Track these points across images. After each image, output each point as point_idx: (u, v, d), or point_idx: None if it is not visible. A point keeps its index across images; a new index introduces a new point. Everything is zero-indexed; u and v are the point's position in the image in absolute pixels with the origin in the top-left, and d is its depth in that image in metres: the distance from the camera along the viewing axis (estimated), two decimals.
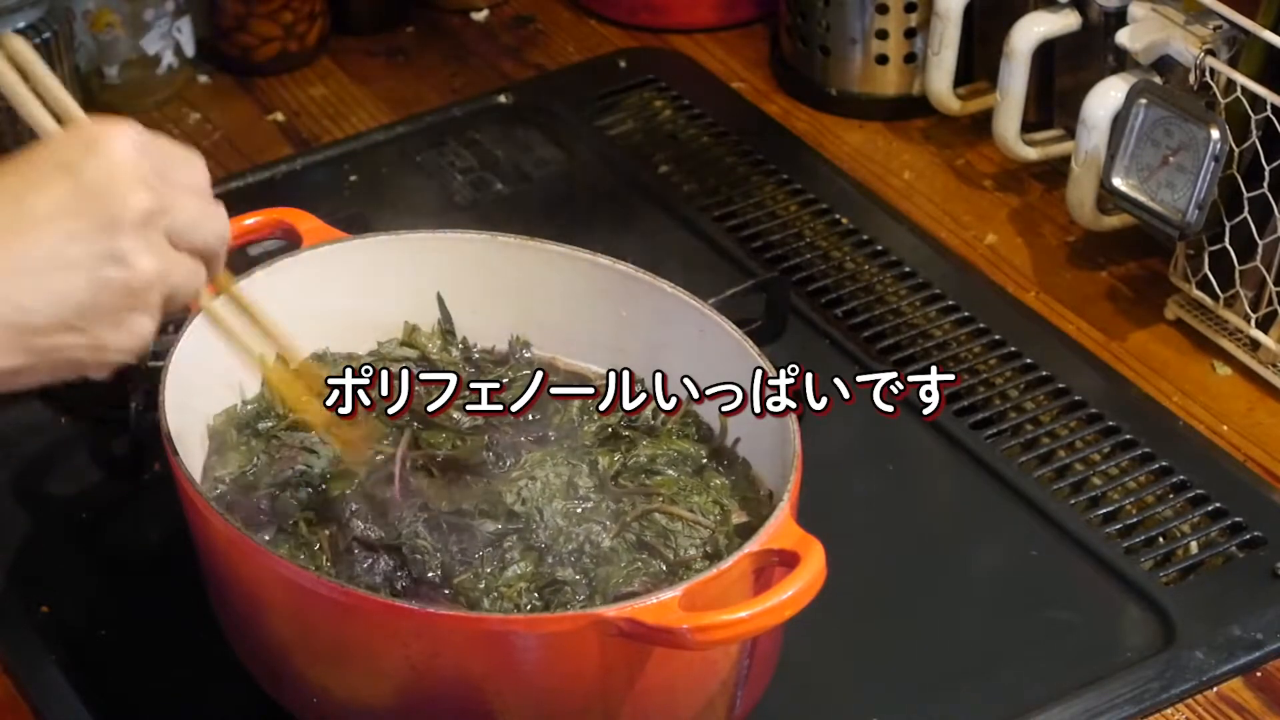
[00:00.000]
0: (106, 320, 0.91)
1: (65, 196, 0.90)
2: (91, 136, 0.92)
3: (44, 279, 0.89)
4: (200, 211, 0.95)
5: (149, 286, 0.92)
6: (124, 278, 0.90)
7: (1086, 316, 1.45)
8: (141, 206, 0.91)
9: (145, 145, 0.93)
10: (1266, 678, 1.19)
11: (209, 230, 0.95)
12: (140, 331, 0.93)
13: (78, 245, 0.89)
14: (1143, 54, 1.41)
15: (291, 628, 1.09)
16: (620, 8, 1.75)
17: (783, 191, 1.56)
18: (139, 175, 0.91)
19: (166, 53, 1.65)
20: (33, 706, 1.18)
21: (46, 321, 0.90)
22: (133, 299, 0.91)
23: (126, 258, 0.90)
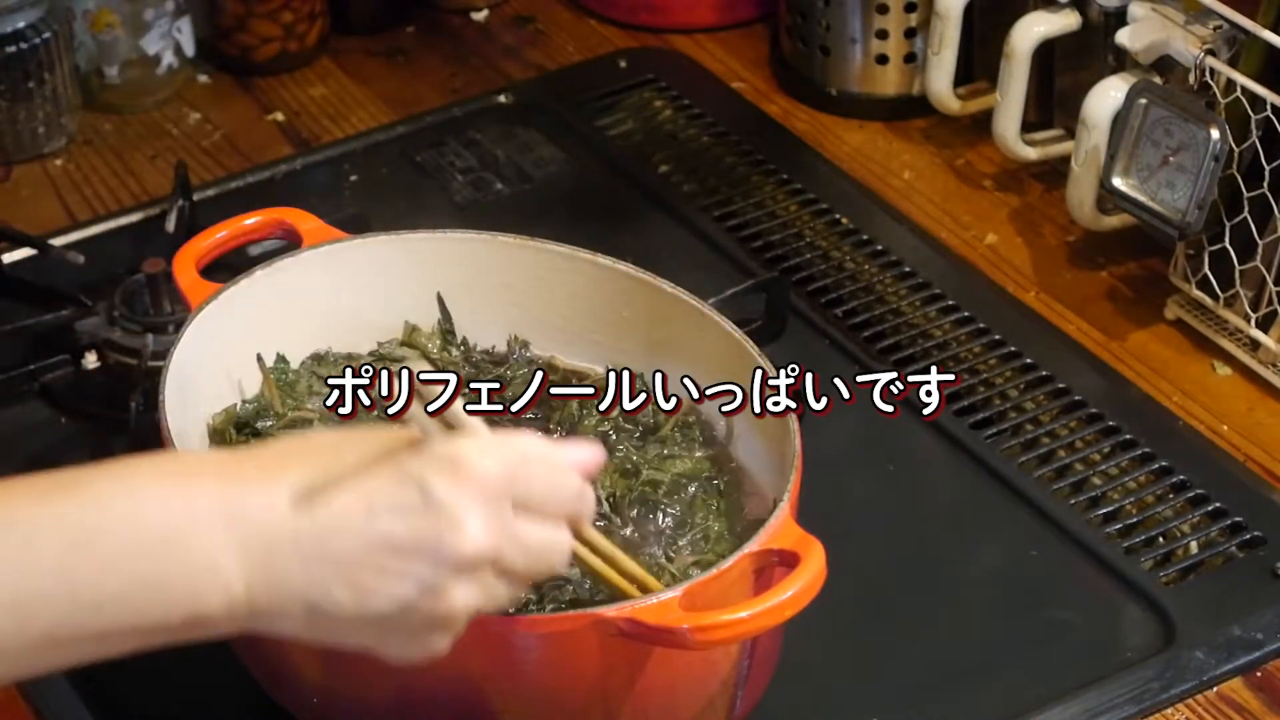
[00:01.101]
0: (402, 637, 0.91)
1: (407, 517, 0.89)
2: (455, 462, 0.90)
3: (360, 585, 0.89)
4: (540, 544, 0.93)
5: (455, 619, 0.91)
6: (432, 609, 0.90)
7: (1086, 316, 1.45)
8: (476, 550, 0.90)
9: (505, 478, 0.92)
10: (1266, 678, 1.19)
11: (546, 561, 0.94)
12: (435, 649, 0.92)
13: (402, 574, 0.89)
14: (1143, 54, 1.41)
15: None
16: (620, 8, 1.75)
17: (783, 191, 1.56)
18: (483, 526, 0.90)
19: (166, 53, 1.65)
20: (33, 706, 1.17)
21: (345, 620, 0.90)
22: (435, 625, 0.91)
23: (442, 593, 0.90)
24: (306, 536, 0.89)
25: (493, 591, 0.92)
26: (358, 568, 0.89)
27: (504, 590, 0.93)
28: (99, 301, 1.39)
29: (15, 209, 1.56)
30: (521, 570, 0.93)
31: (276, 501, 0.89)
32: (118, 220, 1.53)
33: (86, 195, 1.58)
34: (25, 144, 1.61)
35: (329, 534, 0.89)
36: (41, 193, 1.58)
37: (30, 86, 1.59)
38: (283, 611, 0.90)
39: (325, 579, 0.89)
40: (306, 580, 0.89)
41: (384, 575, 0.89)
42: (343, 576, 0.89)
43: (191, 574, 0.88)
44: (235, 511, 0.89)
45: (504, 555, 0.91)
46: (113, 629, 0.87)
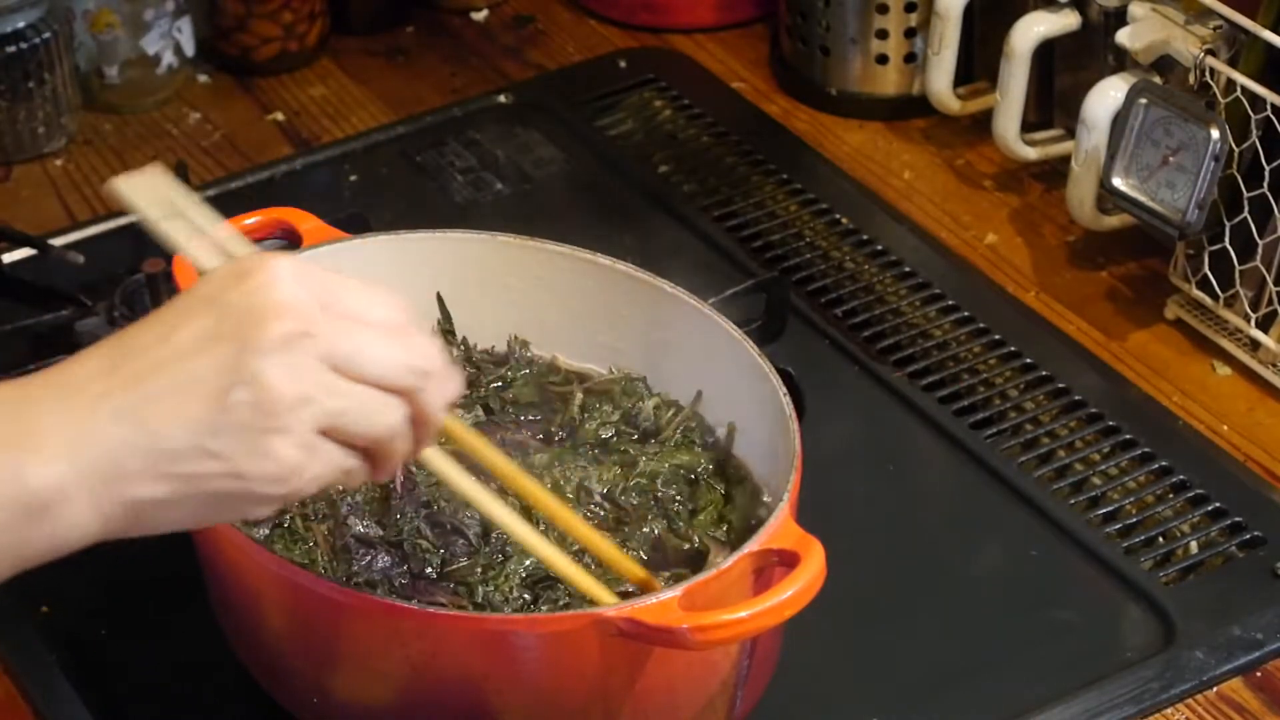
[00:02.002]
0: (242, 445, 0.87)
1: (209, 326, 0.88)
2: (245, 269, 0.89)
3: (178, 404, 0.87)
4: (371, 340, 0.90)
5: (282, 407, 0.87)
6: (253, 398, 0.86)
7: (1086, 316, 1.45)
8: (280, 330, 0.87)
9: (304, 276, 0.89)
10: (1266, 678, 1.19)
11: (386, 359, 0.90)
12: (285, 459, 0.88)
13: (212, 369, 0.87)
14: (1143, 54, 1.41)
15: (291, 628, 1.09)
16: (620, 8, 1.75)
17: (783, 191, 1.56)
18: (285, 302, 0.88)
19: (166, 53, 1.65)
20: (33, 706, 1.18)
21: (180, 446, 0.87)
22: (266, 420, 0.87)
23: (257, 378, 0.86)
24: (116, 386, 0.87)
25: (322, 386, 0.88)
26: (177, 397, 0.87)
27: (346, 393, 0.89)
28: (99, 301, 1.39)
29: (15, 209, 1.56)
30: (350, 361, 0.89)
31: (83, 365, 0.88)
32: (118, 220, 1.52)
33: (86, 195, 1.58)
34: (25, 144, 1.61)
35: (132, 364, 0.87)
36: (41, 193, 1.58)
37: (30, 86, 1.59)
38: (115, 459, 0.87)
39: (150, 419, 0.87)
40: (122, 423, 0.86)
41: (200, 389, 0.87)
42: (163, 410, 0.87)
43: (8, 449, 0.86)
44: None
45: (314, 335, 0.88)
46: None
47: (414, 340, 0.92)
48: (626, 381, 1.23)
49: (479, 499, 1.02)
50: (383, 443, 0.91)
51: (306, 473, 0.89)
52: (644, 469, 1.18)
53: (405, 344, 0.91)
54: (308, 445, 0.88)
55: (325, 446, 0.89)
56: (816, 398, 1.29)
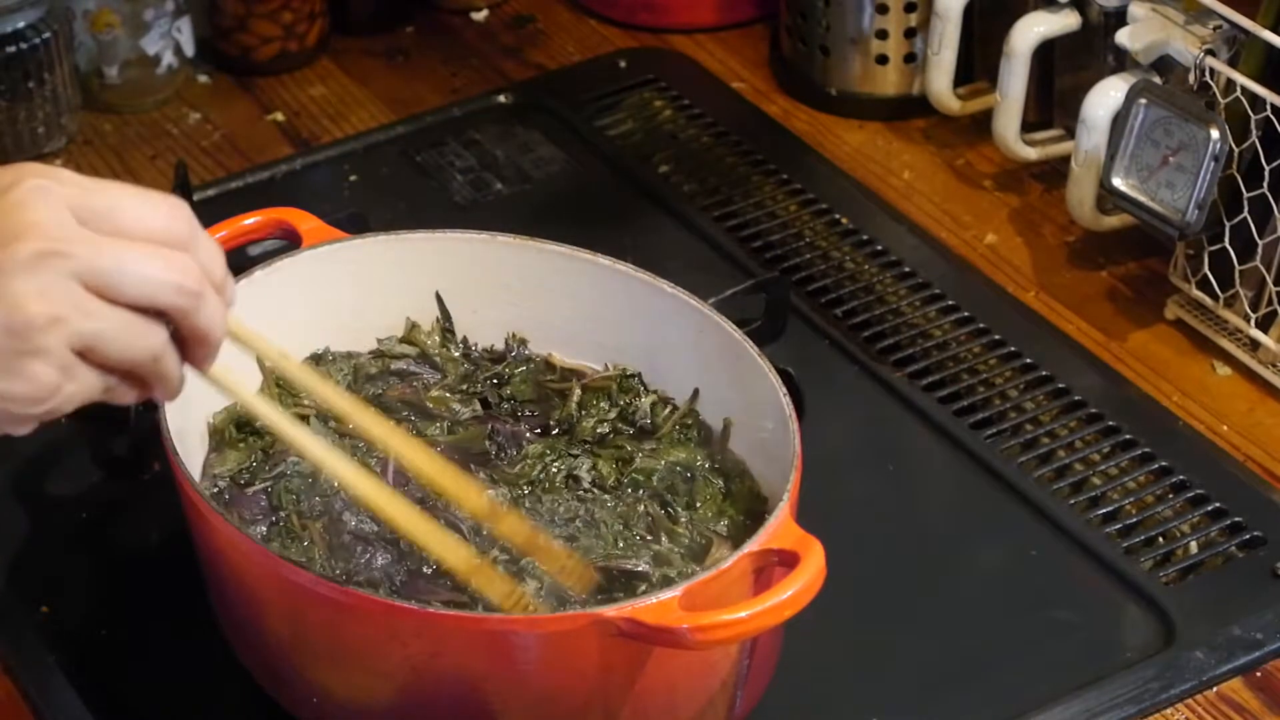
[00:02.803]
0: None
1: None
2: (1, 185, 0.86)
3: None
4: (131, 257, 0.86)
5: (33, 329, 0.84)
6: (4, 320, 0.84)
7: (1086, 316, 1.45)
8: (29, 249, 0.84)
9: (61, 191, 0.86)
10: (1266, 678, 1.19)
11: (146, 278, 0.86)
12: (41, 380, 0.85)
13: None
14: (1143, 54, 1.41)
15: (291, 627, 1.09)
16: (620, 8, 1.75)
17: (783, 191, 1.56)
18: (37, 220, 0.85)
19: (166, 53, 1.65)
20: (33, 706, 1.18)
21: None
22: (17, 341, 0.84)
23: (5, 299, 0.84)
24: None
25: (77, 305, 0.85)
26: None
27: (103, 313, 0.86)
28: None
29: None
30: (108, 279, 0.86)
31: None
32: None
33: None
34: (25, 144, 1.61)
35: None
36: None
37: (30, 86, 1.59)
38: None
39: None
40: None
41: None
42: None
43: None
44: None
45: (67, 255, 0.85)
46: None
47: (184, 256, 0.88)
48: (623, 378, 1.23)
49: (307, 446, 0.99)
50: (143, 365, 0.89)
51: (62, 392, 0.87)
52: (640, 465, 1.18)
53: (173, 260, 0.88)
54: (64, 366, 0.86)
55: (82, 368, 0.87)
56: (816, 398, 1.29)
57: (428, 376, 1.24)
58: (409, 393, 1.23)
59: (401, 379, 1.23)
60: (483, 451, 1.18)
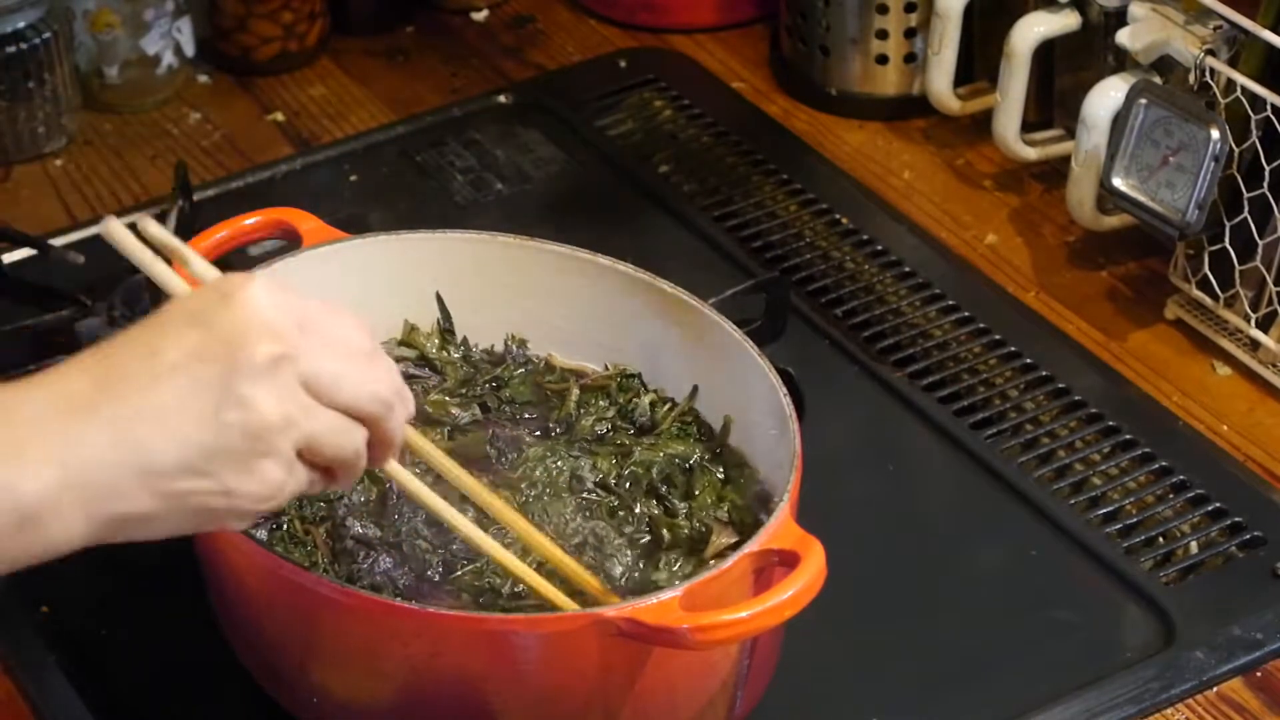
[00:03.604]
0: (232, 466, 0.89)
1: (195, 345, 0.89)
2: (226, 289, 0.91)
3: (168, 423, 0.88)
4: (345, 367, 0.93)
5: (272, 431, 0.90)
6: (244, 420, 0.89)
7: (1086, 316, 1.45)
8: (266, 352, 0.89)
9: (283, 299, 0.92)
10: (1266, 678, 1.19)
11: (357, 387, 0.93)
12: (270, 479, 0.90)
13: (200, 388, 0.89)
14: (1143, 54, 1.41)
15: (291, 628, 1.09)
16: (620, 8, 1.75)
17: (783, 191, 1.56)
18: (268, 324, 0.90)
19: (166, 53, 1.65)
20: (33, 706, 1.18)
21: (171, 465, 0.89)
22: (256, 444, 0.90)
23: (247, 402, 0.89)
24: (104, 402, 0.88)
25: (303, 409, 0.91)
26: (169, 418, 0.88)
27: (321, 415, 0.91)
28: (99, 301, 1.39)
29: (15, 209, 1.56)
30: (327, 386, 0.91)
31: (70, 379, 0.89)
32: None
33: (86, 195, 1.58)
34: (25, 144, 1.61)
35: (120, 379, 0.89)
36: (41, 193, 1.58)
37: (30, 86, 1.59)
38: (108, 477, 0.88)
39: (142, 438, 0.88)
40: (114, 440, 0.88)
41: (193, 411, 0.88)
42: (155, 429, 0.88)
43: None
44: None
45: (297, 359, 0.90)
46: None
47: (378, 367, 0.95)
48: (623, 378, 1.23)
49: (440, 509, 1.05)
50: (347, 463, 0.95)
51: (285, 490, 0.92)
52: (639, 458, 1.18)
53: (372, 371, 0.94)
54: (289, 464, 0.92)
55: (299, 465, 0.93)
56: (816, 398, 1.29)
57: (427, 380, 1.24)
58: None
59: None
60: (483, 456, 1.18)
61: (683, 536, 1.15)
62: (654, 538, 1.15)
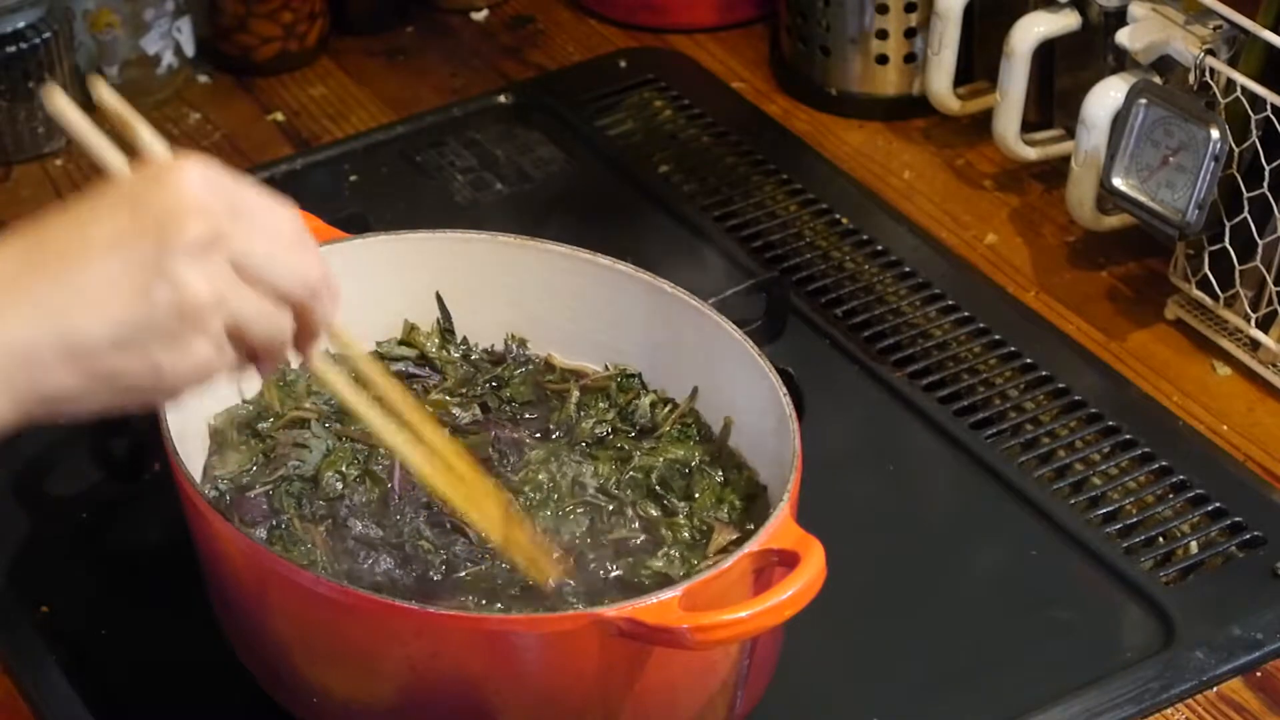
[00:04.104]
0: (160, 342, 0.90)
1: (125, 224, 0.90)
2: (159, 171, 0.92)
3: (96, 298, 0.89)
4: (275, 250, 0.93)
5: (202, 309, 0.90)
6: (173, 299, 0.89)
7: (1086, 316, 1.45)
8: (197, 231, 0.90)
9: (216, 181, 0.92)
10: (1266, 678, 1.19)
11: (285, 269, 0.93)
12: (199, 357, 0.91)
13: (131, 267, 0.89)
14: (1143, 54, 1.41)
15: (291, 628, 1.09)
16: (620, 8, 1.75)
17: (783, 191, 1.56)
18: (199, 205, 0.90)
19: (166, 53, 1.65)
20: (33, 706, 1.18)
21: (99, 341, 0.89)
22: (186, 321, 0.90)
23: (176, 279, 0.89)
24: (31, 279, 0.89)
25: (233, 290, 0.91)
26: (97, 294, 0.89)
27: (250, 298, 0.92)
28: None
29: (15, 209, 1.56)
30: (256, 268, 0.92)
31: None
32: None
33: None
34: (25, 144, 1.61)
35: (47, 257, 0.89)
36: (41, 193, 1.58)
37: (30, 86, 1.59)
38: (35, 356, 0.88)
39: (68, 314, 0.89)
40: (42, 318, 0.88)
41: (121, 287, 0.89)
42: (82, 305, 0.89)
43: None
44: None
45: (226, 239, 0.90)
46: None
47: (308, 253, 0.95)
48: (623, 378, 1.23)
49: (369, 417, 1.05)
50: (273, 348, 0.94)
51: (213, 367, 0.92)
52: (639, 463, 1.18)
53: (301, 256, 0.94)
54: (219, 344, 0.92)
55: (228, 346, 0.92)
56: (816, 398, 1.29)
57: (427, 380, 1.24)
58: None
59: (401, 382, 1.23)
60: (486, 458, 1.18)
61: (683, 538, 1.15)
62: (654, 539, 1.15)
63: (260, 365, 0.95)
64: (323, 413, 1.20)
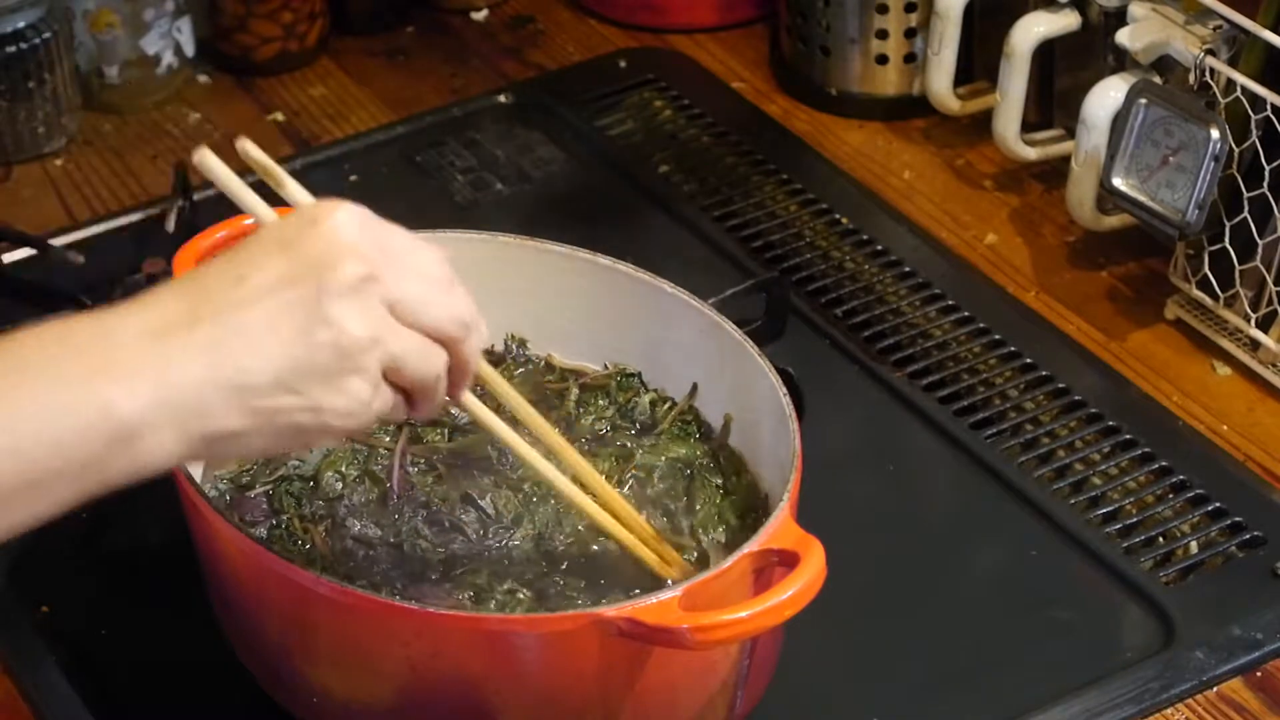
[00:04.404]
0: (321, 382, 0.93)
1: (284, 269, 0.93)
2: (313, 215, 0.96)
3: (259, 341, 0.92)
4: (427, 290, 0.96)
5: (359, 349, 0.93)
6: (332, 339, 0.92)
7: (1086, 316, 1.45)
8: (352, 273, 0.93)
9: (367, 223, 0.96)
10: (1266, 678, 1.19)
11: (438, 309, 0.96)
12: (356, 395, 0.94)
13: (291, 310, 0.92)
14: (1143, 54, 1.41)
15: (291, 628, 1.09)
16: (620, 8, 1.75)
17: (783, 191, 1.56)
18: (353, 246, 0.94)
19: (166, 53, 1.65)
20: (33, 706, 1.18)
21: (263, 381, 0.92)
22: (345, 361, 0.93)
23: (335, 320, 0.92)
24: (197, 324, 0.92)
25: (387, 329, 0.94)
26: (261, 337, 0.92)
27: (405, 336, 0.95)
28: (99, 301, 1.39)
29: (15, 209, 1.56)
30: (409, 307, 0.95)
31: (162, 304, 0.93)
32: (118, 220, 1.53)
33: (86, 195, 1.58)
34: (25, 144, 1.61)
35: (211, 304, 0.92)
36: (41, 193, 1.58)
37: (30, 86, 1.59)
38: (204, 397, 0.91)
39: (235, 356, 0.92)
40: (208, 360, 0.91)
41: (283, 330, 0.92)
42: (247, 348, 0.92)
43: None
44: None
45: (380, 280, 0.94)
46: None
47: (457, 292, 0.99)
48: (622, 377, 1.23)
49: (518, 447, 1.08)
50: (428, 386, 0.98)
51: (371, 408, 0.95)
52: (640, 461, 1.18)
53: (452, 295, 0.98)
54: (375, 383, 0.95)
55: (384, 386, 0.96)
56: (816, 398, 1.29)
57: None
58: None
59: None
60: (485, 457, 1.18)
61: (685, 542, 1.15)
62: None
63: (415, 406, 0.98)
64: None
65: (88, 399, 0.89)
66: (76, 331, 0.92)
